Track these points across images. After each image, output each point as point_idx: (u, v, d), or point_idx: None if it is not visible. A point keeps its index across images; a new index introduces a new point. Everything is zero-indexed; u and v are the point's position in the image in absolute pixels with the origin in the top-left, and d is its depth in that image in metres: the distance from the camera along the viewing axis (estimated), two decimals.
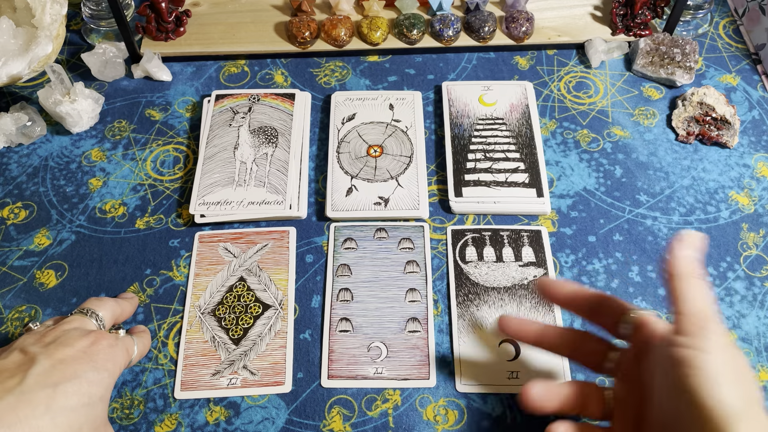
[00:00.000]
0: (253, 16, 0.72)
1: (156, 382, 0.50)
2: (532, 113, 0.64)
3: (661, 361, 0.35)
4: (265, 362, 0.51)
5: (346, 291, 0.54)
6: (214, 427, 0.48)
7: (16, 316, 0.53)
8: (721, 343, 0.32)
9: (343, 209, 0.58)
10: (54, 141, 0.64)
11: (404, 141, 0.62)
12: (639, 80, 0.68)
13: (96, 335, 0.42)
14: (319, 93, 0.68)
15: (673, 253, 0.37)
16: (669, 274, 0.36)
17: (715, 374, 0.31)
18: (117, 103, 0.67)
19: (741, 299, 0.54)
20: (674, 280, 0.36)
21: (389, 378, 0.50)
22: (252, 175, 0.60)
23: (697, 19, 0.72)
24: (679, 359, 0.32)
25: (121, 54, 0.68)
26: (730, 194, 0.60)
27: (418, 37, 0.70)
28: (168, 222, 0.59)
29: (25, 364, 0.39)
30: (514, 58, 0.70)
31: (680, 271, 0.36)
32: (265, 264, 0.56)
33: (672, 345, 0.33)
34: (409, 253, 0.56)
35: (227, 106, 0.65)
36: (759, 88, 0.68)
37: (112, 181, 0.61)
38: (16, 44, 0.63)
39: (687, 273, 0.36)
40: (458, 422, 0.48)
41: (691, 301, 0.34)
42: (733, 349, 0.33)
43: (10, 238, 0.57)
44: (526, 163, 0.61)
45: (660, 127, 0.65)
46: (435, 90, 0.68)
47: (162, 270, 0.56)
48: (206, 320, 0.53)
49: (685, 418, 0.31)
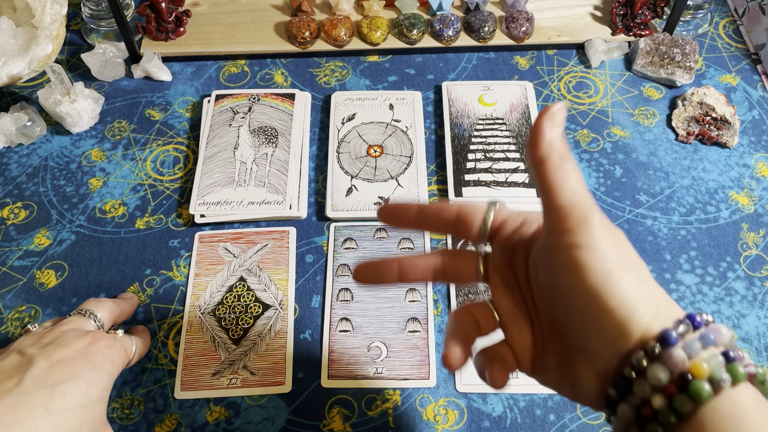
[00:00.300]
0: (253, 16, 0.72)
1: (156, 382, 0.50)
2: (532, 113, 0.64)
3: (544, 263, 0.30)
4: (265, 362, 0.51)
5: (346, 291, 0.54)
6: (214, 427, 0.48)
7: (16, 316, 0.53)
8: (604, 232, 0.28)
9: (343, 209, 0.58)
10: (54, 141, 0.64)
11: (404, 141, 0.62)
12: (639, 80, 0.68)
13: (94, 336, 0.42)
14: (319, 93, 0.68)
15: (543, 134, 0.30)
16: (537, 160, 0.30)
17: (609, 270, 0.28)
18: (117, 103, 0.67)
19: (741, 299, 0.54)
20: (544, 167, 0.29)
21: (389, 378, 0.50)
22: (252, 175, 0.60)
23: (697, 19, 0.72)
24: (567, 261, 0.28)
25: (121, 54, 0.68)
26: (730, 194, 0.60)
27: (418, 37, 0.70)
28: (168, 222, 0.59)
29: (23, 365, 0.39)
30: (514, 58, 0.70)
31: (550, 154, 0.29)
32: (265, 264, 0.56)
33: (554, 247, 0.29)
34: (409, 253, 0.56)
35: (227, 106, 0.65)
36: (759, 88, 0.68)
37: (112, 181, 0.61)
38: (16, 44, 0.63)
39: (558, 157, 0.29)
40: (458, 422, 0.48)
41: (566, 191, 0.29)
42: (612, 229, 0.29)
43: (10, 238, 0.57)
44: (526, 163, 0.61)
45: (660, 127, 0.65)
46: (435, 90, 0.68)
47: (162, 270, 0.56)
48: (206, 320, 0.53)
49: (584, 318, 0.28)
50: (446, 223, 0.35)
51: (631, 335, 0.27)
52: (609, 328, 0.28)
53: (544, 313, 0.32)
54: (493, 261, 0.35)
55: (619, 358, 0.28)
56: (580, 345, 0.29)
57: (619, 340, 0.27)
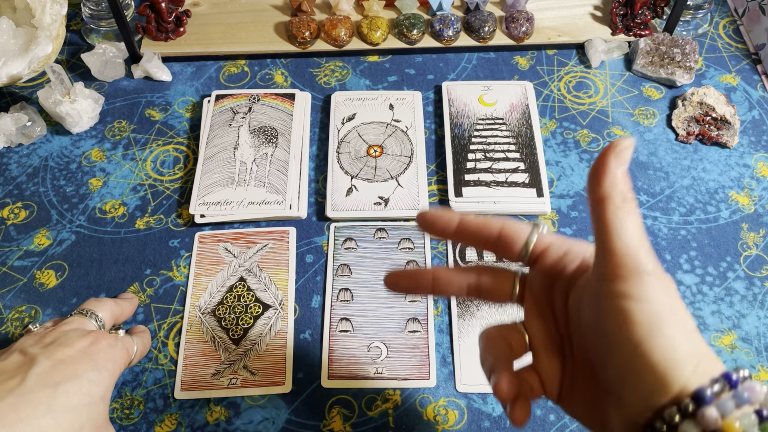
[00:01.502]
0: (253, 16, 0.72)
1: (156, 382, 0.50)
2: (532, 113, 0.64)
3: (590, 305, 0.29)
4: (265, 362, 0.51)
5: (346, 291, 0.54)
6: (214, 427, 0.48)
7: (16, 316, 0.53)
8: (658, 285, 0.27)
9: (343, 209, 0.58)
10: (54, 141, 0.64)
11: (404, 141, 0.62)
12: (639, 80, 0.68)
13: (96, 335, 0.42)
14: (319, 93, 0.68)
15: (608, 171, 0.28)
16: (598, 198, 0.28)
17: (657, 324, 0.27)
18: (117, 103, 0.67)
19: (741, 299, 0.54)
20: (604, 206, 0.28)
21: (389, 378, 0.50)
22: (252, 175, 0.60)
23: (697, 19, 0.72)
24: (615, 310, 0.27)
25: (121, 54, 0.68)
26: (730, 194, 0.60)
27: (418, 37, 0.70)
28: (168, 222, 0.59)
29: (26, 364, 0.39)
30: (514, 58, 0.70)
31: (612, 193, 0.28)
32: (265, 264, 0.56)
33: (603, 293, 0.28)
34: (409, 253, 0.56)
35: (227, 106, 0.65)
36: (759, 88, 0.68)
37: (112, 181, 0.61)
38: (16, 44, 0.63)
39: (621, 197, 0.28)
40: (458, 422, 0.48)
41: (624, 236, 0.28)
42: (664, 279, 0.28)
43: (10, 238, 0.57)
44: (526, 163, 0.61)
45: (660, 127, 0.65)
46: (435, 90, 0.68)
47: (162, 270, 0.56)
48: (206, 320, 0.53)
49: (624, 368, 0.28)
50: (487, 241, 0.34)
51: (668, 391, 0.27)
52: (648, 381, 0.27)
53: (580, 351, 0.31)
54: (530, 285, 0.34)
55: (652, 411, 0.27)
56: (614, 391, 0.29)
57: (655, 394, 0.27)
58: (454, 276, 0.35)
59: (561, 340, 0.33)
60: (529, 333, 0.34)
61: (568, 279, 0.32)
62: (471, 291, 0.35)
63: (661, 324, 0.27)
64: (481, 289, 0.35)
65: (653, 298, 0.27)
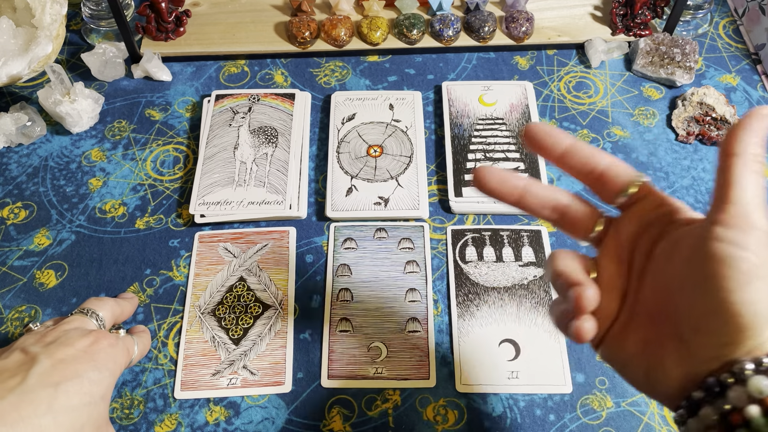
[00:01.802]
0: (252, 16, 0.72)
1: (156, 382, 0.50)
2: (532, 113, 0.64)
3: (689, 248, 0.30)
4: (265, 362, 0.51)
5: (346, 291, 0.54)
6: (214, 427, 0.48)
7: (16, 316, 0.53)
8: (765, 244, 0.28)
9: (343, 209, 0.58)
10: (54, 141, 0.64)
11: (404, 141, 0.62)
12: (639, 80, 0.68)
13: (96, 335, 0.42)
14: (319, 93, 0.68)
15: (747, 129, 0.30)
16: (729, 151, 0.29)
17: (750, 276, 0.27)
18: (117, 103, 0.67)
19: None
20: (735, 160, 0.29)
21: (389, 378, 0.50)
22: (252, 175, 0.60)
23: (697, 19, 0.72)
24: (718, 254, 0.28)
25: (121, 54, 0.68)
26: None
27: (418, 37, 0.70)
28: (168, 222, 0.59)
29: (26, 363, 0.39)
30: (514, 58, 0.70)
31: (746, 151, 0.29)
32: (265, 264, 0.56)
33: (712, 236, 0.29)
34: (409, 253, 0.56)
35: (227, 106, 0.65)
36: (759, 88, 0.68)
37: (112, 181, 0.61)
38: (16, 44, 0.63)
39: (753, 157, 0.29)
40: (458, 422, 0.48)
41: (748, 192, 0.29)
42: None
43: (10, 238, 0.57)
44: (526, 163, 0.61)
45: (660, 127, 0.65)
46: (435, 90, 0.68)
47: (162, 270, 0.56)
48: (206, 320, 0.53)
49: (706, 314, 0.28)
50: (590, 172, 0.34)
51: (742, 345, 0.27)
52: (727, 332, 0.27)
53: (653, 296, 0.32)
54: (616, 228, 0.34)
55: (720, 362, 0.27)
56: (685, 338, 0.29)
57: (729, 345, 0.27)
58: (546, 190, 0.35)
59: (626, 285, 0.33)
60: (598, 272, 0.34)
61: (661, 228, 0.33)
62: (554, 212, 0.35)
63: (758, 279, 0.27)
64: (565, 215, 0.35)
65: (758, 252, 0.28)
